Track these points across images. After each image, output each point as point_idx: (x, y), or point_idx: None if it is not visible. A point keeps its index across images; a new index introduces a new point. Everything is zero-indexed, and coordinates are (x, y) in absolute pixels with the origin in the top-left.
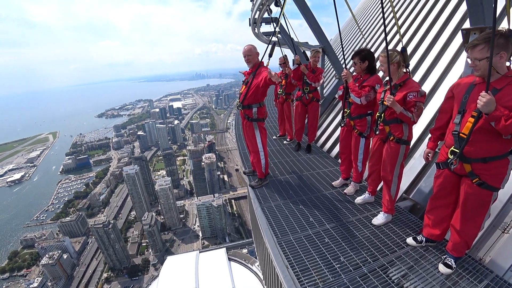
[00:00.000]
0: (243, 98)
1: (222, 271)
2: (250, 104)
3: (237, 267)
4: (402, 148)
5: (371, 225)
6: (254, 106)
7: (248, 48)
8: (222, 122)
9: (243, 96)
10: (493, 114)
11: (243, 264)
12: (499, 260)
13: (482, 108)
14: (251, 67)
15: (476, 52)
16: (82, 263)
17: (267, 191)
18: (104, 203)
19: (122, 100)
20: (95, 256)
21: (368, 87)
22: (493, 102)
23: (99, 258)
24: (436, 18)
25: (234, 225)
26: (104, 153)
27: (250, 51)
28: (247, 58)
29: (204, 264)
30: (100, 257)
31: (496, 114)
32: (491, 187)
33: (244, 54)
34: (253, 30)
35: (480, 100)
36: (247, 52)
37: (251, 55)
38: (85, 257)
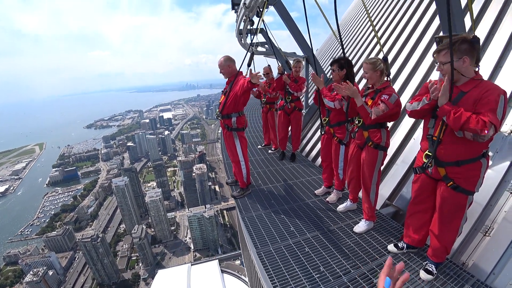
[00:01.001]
0: (222, 108)
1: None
2: (229, 113)
3: (230, 279)
4: (380, 154)
5: (353, 233)
6: (233, 116)
7: (219, 62)
8: (213, 132)
9: (222, 106)
10: (443, 107)
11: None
12: (481, 264)
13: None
14: (228, 77)
15: (441, 56)
16: (68, 280)
17: (249, 201)
18: (93, 216)
19: (112, 111)
20: (82, 271)
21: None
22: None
23: (86, 274)
24: (414, 29)
25: (226, 236)
26: (92, 165)
27: (221, 65)
28: (220, 71)
29: (196, 277)
30: (88, 272)
31: (446, 108)
32: (466, 190)
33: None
34: (239, 41)
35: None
36: (219, 65)
37: (223, 67)
38: (72, 273)
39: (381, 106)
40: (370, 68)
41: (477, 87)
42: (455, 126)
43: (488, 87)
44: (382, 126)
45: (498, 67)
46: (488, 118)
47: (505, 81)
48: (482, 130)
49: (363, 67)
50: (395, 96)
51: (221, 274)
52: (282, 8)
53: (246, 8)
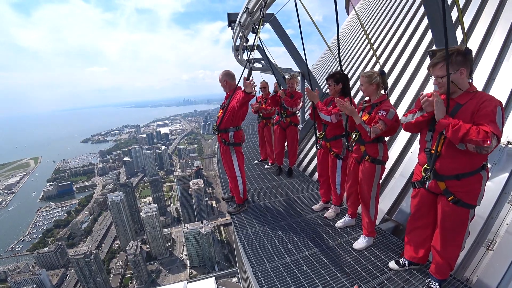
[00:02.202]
0: (220, 122)
1: None
2: (227, 128)
3: None
4: (377, 168)
5: (352, 249)
6: (231, 130)
7: (220, 76)
8: (210, 147)
9: (220, 120)
10: (441, 121)
11: None
12: (485, 279)
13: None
14: (227, 91)
15: (437, 70)
16: None
17: (245, 217)
18: (86, 232)
19: (109, 126)
20: None
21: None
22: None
23: None
24: (408, 42)
25: (223, 253)
26: (88, 180)
27: (222, 78)
28: (221, 84)
29: None
30: None
31: (444, 121)
32: (467, 204)
33: (219, 80)
34: (236, 57)
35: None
36: (219, 79)
37: (223, 81)
38: None
39: (379, 125)
40: (366, 81)
41: (473, 98)
42: (455, 139)
43: (484, 98)
44: (379, 140)
45: (491, 79)
46: (490, 128)
47: (498, 93)
48: (485, 141)
49: (359, 80)
50: (393, 112)
51: None
52: (277, 24)
53: (241, 26)
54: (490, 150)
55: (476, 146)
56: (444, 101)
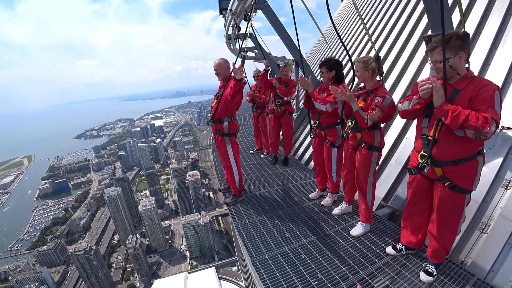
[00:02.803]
0: (214, 112)
1: None
2: (221, 118)
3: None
4: (374, 155)
5: (350, 236)
6: (225, 120)
7: (218, 62)
8: (205, 138)
9: (214, 110)
10: (440, 107)
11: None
12: (480, 261)
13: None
14: (221, 80)
15: (435, 54)
16: None
17: (242, 208)
18: (85, 228)
19: (102, 120)
20: (76, 286)
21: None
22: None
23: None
24: (403, 27)
25: (222, 243)
26: (83, 176)
27: (220, 65)
28: (216, 72)
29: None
30: (82, 286)
31: (443, 108)
32: (464, 189)
33: (214, 68)
34: (228, 47)
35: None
36: (217, 66)
37: (220, 69)
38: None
39: (376, 112)
40: (362, 67)
41: (471, 84)
42: (454, 125)
43: (483, 83)
44: (375, 127)
45: (486, 64)
46: (489, 114)
47: (493, 78)
48: (484, 127)
49: (354, 65)
50: (389, 98)
51: (218, 281)
52: (270, 12)
53: (233, 14)
54: (489, 136)
55: (476, 132)
56: (441, 86)
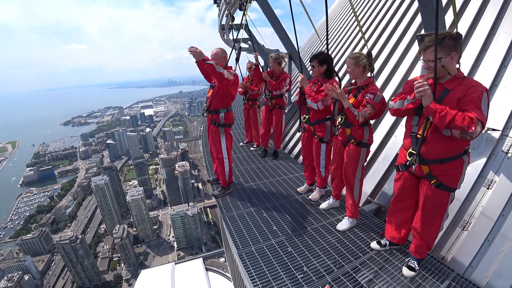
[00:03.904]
0: (210, 103)
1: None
2: (217, 108)
3: (215, 277)
4: (362, 151)
5: (336, 231)
6: (222, 111)
7: (215, 52)
8: (195, 129)
9: (210, 100)
10: (429, 107)
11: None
12: (460, 257)
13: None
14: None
15: (428, 53)
16: (46, 284)
17: (231, 200)
18: (71, 217)
19: (90, 107)
20: (61, 275)
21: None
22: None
23: (66, 277)
24: (397, 26)
25: (210, 234)
26: (70, 163)
27: (217, 55)
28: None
29: (181, 276)
30: (67, 276)
31: (431, 107)
32: (449, 188)
33: (211, 57)
34: (221, 36)
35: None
36: (214, 55)
37: (217, 58)
38: (50, 277)
39: (367, 109)
40: (353, 63)
41: (460, 84)
42: (441, 125)
43: (471, 84)
44: (364, 123)
45: (475, 65)
46: (475, 114)
47: (482, 80)
48: (469, 127)
49: (346, 61)
50: (380, 95)
51: (205, 272)
52: (265, 3)
53: (227, 3)
54: (475, 136)
55: (461, 132)
56: (432, 85)
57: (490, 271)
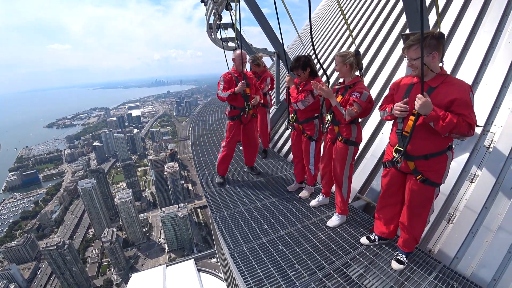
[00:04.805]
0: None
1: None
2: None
3: (207, 278)
4: (350, 149)
5: (326, 227)
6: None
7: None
8: (184, 129)
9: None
10: (431, 114)
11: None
12: (446, 249)
13: (419, 110)
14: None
15: (411, 52)
16: None
17: (221, 200)
18: (58, 222)
19: (76, 109)
20: (48, 282)
21: (306, 91)
22: (430, 104)
23: (53, 284)
24: (383, 25)
25: (201, 235)
26: (55, 167)
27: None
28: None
29: (172, 278)
30: (55, 283)
31: (433, 115)
32: (434, 183)
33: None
34: (209, 36)
35: (416, 102)
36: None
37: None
38: (37, 285)
39: (354, 108)
40: (340, 61)
41: (444, 82)
42: (444, 132)
43: (456, 84)
44: (353, 121)
45: (458, 64)
46: (473, 120)
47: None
48: (470, 133)
49: (334, 60)
50: (366, 94)
51: (197, 273)
52: (252, 2)
53: (214, 2)
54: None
55: (461, 136)
56: (418, 83)
57: (475, 262)
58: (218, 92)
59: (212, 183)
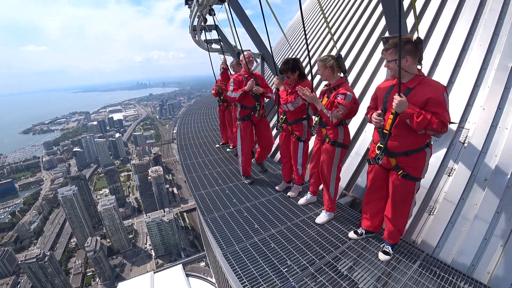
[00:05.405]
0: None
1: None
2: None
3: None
4: (337, 151)
5: (315, 224)
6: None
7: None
8: (168, 132)
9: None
10: (406, 112)
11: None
12: (428, 239)
13: (396, 109)
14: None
15: (388, 55)
16: None
17: (211, 202)
18: (37, 233)
19: (54, 113)
20: None
21: (295, 93)
22: (405, 103)
23: None
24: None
25: (188, 239)
26: (33, 175)
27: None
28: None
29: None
30: None
31: (408, 112)
32: (414, 177)
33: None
34: (193, 37)
35: (394, 102)
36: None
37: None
38: None
39: (339, 110)
40: (321, 66)
41: (420, 84)
42: (419, 129)
43: (432, 85)
44: (339, 123)
45: (434, 65)
46: (447, 118)
47: (440, 78)
48: (443, 130)
49: (317, 64)
50: (350, 95)
51: (186, 278)
52: (236, 4)
53: (199, 5)
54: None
55: (435, 133)
56: (396, 85)
57: (455, 249)
58: (229, 93)
59: (201, 186)
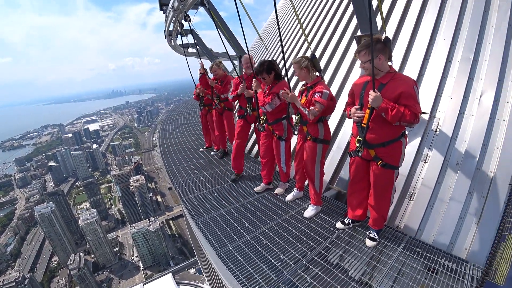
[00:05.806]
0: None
1: None
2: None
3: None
4: (319, 147)
5: (304, 218)
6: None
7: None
8: (147, 140)
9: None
10: (381, 106)
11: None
12: (410, 223)
13: (371, 103)
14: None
15: (361, 56)
16: None
17: (200, 206)
18: (14, 255)
19: (24, 128)
20: None
21: (272, 94)
22: (379, 98)
23: None
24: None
25: (176, 247)
26: (5, 195)
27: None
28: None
29: None
30: None
31: (383, 106)
32: (392, 166)
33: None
34: (169, 43)
35: (369, 97)
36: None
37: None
38: None
39: (316, 107)
40: (297, 67)
41: (393, 79)
42: (394, 121)
43: (402, 79)
44: (319, 120)
45: (404, 60)
46: (418, 110)
47: (410, 73)
48: (416, 121)
49: (292, 67)
50: (327, 92)
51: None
52: (212, 8)
53: (175, 11)
54: (415, 125)
55: (408, 124)
56: (371, 82)
57: (434, 230)
58: (228, 95)
59: (188, 190)
